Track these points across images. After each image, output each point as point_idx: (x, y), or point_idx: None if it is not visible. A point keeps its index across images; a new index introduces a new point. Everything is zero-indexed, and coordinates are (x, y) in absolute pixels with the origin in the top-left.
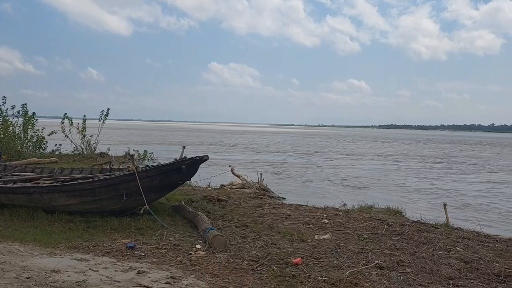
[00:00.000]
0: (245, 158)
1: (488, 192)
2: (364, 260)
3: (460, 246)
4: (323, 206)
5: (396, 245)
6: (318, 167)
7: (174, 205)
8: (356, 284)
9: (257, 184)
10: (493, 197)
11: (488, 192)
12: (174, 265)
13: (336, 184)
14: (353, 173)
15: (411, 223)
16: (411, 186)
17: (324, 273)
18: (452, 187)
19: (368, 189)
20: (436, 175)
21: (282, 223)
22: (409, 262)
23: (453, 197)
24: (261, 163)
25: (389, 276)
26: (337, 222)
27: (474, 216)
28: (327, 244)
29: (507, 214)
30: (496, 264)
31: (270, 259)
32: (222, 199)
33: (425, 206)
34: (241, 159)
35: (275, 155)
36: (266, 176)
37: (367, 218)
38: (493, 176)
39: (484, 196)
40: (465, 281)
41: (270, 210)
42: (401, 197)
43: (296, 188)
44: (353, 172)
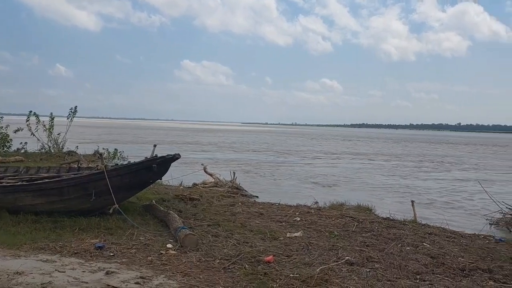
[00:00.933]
0: (218, 157)
1: (454, 189)
2: (335, 256)
3: (427, 241)
4: (295, 204)
5: (366, 241)
6: (291, 165)
7: (145, 204)
8: (326, 281)
9: (230, 182)
10: (459, 194)
11: (455, 189)
12: (144, 265)
13: (308, 183)
14: (325, 172)
15: (381, 220)
16: (381, 184)
17: (296, 270)
18: (420, 185)
19: (340, 187)
20: (405, 173)
21: (254, 222)
22: (378, 258)
23: (421, 194)
24: (234, 162)
25: (359, 272)
26: (309, 220)
27: (440, 213)
28: (299, 241)
29: (472, 211)
30: (461, 259)
31: (242, 257)
32: (194, 198)
33: (394, 203)
34: (214, 157)
35: (248, 154)
36: (239, 175)
37: (338, 215)
38: (460, 174)
39: (451, 193)
40: (431, 275)
41: (243, 209)
42: (371, 195)
43: (269, 186)
44: (326, 171)
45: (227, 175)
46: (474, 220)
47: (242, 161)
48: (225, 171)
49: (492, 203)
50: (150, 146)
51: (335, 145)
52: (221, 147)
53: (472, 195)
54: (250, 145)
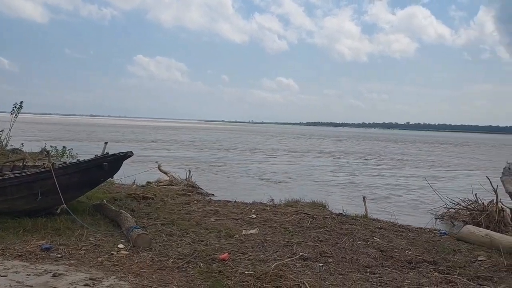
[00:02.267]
0: (173, 155)
1: (403, 185)
2: (290, 252)
3: (377, 236)
4: (251, 202)
5: (320, 237)
6: (248, 163)
7: (96, 204)
8: (281, 277)
9: (185, 180)
10: (408, 190)
11: (404, 185)
12: (94, 266)
13: (265, 180)
14: (282, 169)
15: (334, 216)
16: (335, 180)
17: (251, 267)
18: (372, 181)
19: (296, 184)
20: (358, 170)
21: (210, 220)
22: (331, 252)
23: (372, 190)
24: (190, 160)
25: (312, 267)
26: (264, 217)
27: (390, 208)
28: (254, 238)
29: (419, 205)
30: (408, 252)
31: (197, 256)
32: (148, 197)
33: (347, 199)
34: (169, 155)
35: (204, 151)
36: (195, 173)
37: (293, 212)
38: (410, 171)
39: (400, 189)
40: (380, 268)
41: (198, 207)
42: (325, 191)
43: (225, 184)
44: (283, 168)
45: (183, 173)
46: (421, 214)
47: (198, 159)
48: (180, 169)
49: (438, 198)
50: (101, 144)
51: (292, 143)
52: (177, 145)
53: (420, 191)
54: (207, 143)
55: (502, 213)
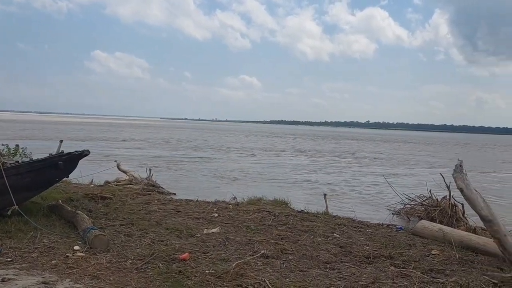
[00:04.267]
0: (133, 153)
1: (363, 182)
2: (251, 250)
3: (337, 232)
4: (213, 201)
5: (281, 234)
6: (211, 161)
7: (51, 205)
8: (242, 275)
9: (146, 180)
10: (369, 187)
11: (364, 182)
12: (48, 269)
13: (228, 178)
14: (245, 167)
15: (296, 213)
16: (299, 178)
17: (212, 266)
18: (334, 178)
19: (260, 182)
20: (322, 167)
21: (171, 219)
22: (292, 250)
23: (334, 187)
24: (151, 158)
25: (274, 264)
26: (226, 216)
27: (350, 204)
28: (216, 237)
29: (378, 202)
30: (366, 247)
31: (157, 256)
32: (106, 197)
33: (309, 197)
34: (128, 154)
35: (166, 150)
36: (156, 172)
37: (256, 210)
38: (370, 169)
39: (362, 186)
40: (340, 264)
41: (159, 207)
42: (288, 189)
43: (188, 183)
44: (246, 166)
45: (143, 172)
46: (380, 210)
47: (159, 158)
48: (141, 168)
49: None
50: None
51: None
52: (138, 143)
53: (379, 188)
54: (169, 141)
55: (454, 208)
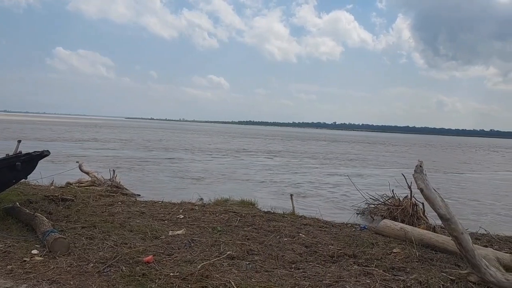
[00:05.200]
0: (97, 154)
1: (332, 182)
2: (217, 252)
3: (302, 232)
4: (179, 202)
5: (248, 235)
6: (177, 162)
7: (7, 207)
8: (207, 277)
9: (109, 181)
10: (335, 187)
11: (332, 182)
12: (3, 274)
13: (195, 179)
14: (213, 168)
15: (262, 214)
16: (266, 179)
17: (177, 268)
18: (301, 179)
19: (227, 183)
20: (288, 168)
21: (135, 221)
22: (258, 250)
23: (301, 187)
24: (115, 159)
25: (239, 265)
26: (192, 217)
27: (316, 204)
28: (181, 239)
29: (343, 202)
30: (331, 246)
31: (120, 259)
32: (67, 199)
33: (276, 197)
34: (92, 154)
35: (131, 150)
36: (121, 172)
37: (222, 211)
38: (338, 169)
39: (327, 186)
40: (305, 263)
41: (123, 208)
42: (256, 189)
43: (153, 184)
44: (214, 167)
45: (107, 173)
46: (345, 210)
47: (124, 158)
48: (104, 169)
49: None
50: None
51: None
52: (102, 143)
53: (345, 188)
54: (134, 141)
55: (415, 207)
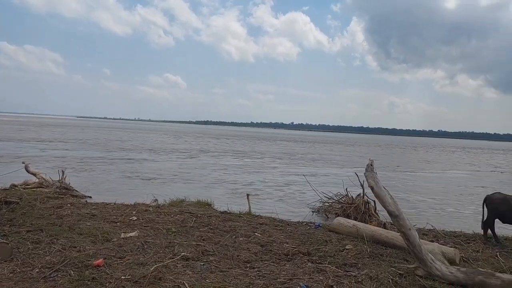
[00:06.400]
0: (45, 154)
1: (289, 182)
2: (171, 253)
3: (258, 231)
4: (133, 203)
5: (203, 235)
6: (131, 162)
7: None
8: (160, 279)
9: (58, 182)
10: (290, 187)
11: (289, 182)
12: None
13: (149, 179)
14: (168, 168)
15: (218, 214)
16: (224, 179)
17: (128, 271)
18: (259, 178)
19: (184, 183)
20: (246, 168)
21: (85, 224)
22: (213, 250)
23: (258, 187)
24: (65, 159)
25: (194, 266)
26: (146, 218)
27: (273, 203)
28: (134, 241)
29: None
30: (286, 245)
31: (68, 263)
32: (12, 201)
33: (233, 197)
34: (39, 155)
35: (82, 150)
36: (71, 174)
37: (178, 212)
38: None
39: (283, 186)
40: (260, 262)
41: (72, 211)
42: (213, 189)
43: (105, 185)
44: (169, 167)
45: (55, 174)
46: (300, 209)
47: (75, 158)
48: (52, 170)
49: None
50: None
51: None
52: (50, 143)
53: (302, 187)
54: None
55: (367, 205)
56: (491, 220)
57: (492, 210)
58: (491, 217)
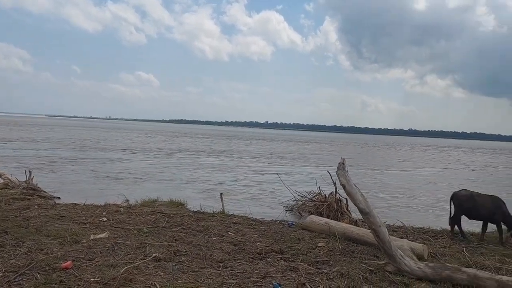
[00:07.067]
0: (11, 154)
1: (263, 181)
2: (142, 254)
3: (232, 230)
4: (103, 204)
5: (175, 236)
6: (102, 162)
7: None
8: (131, 280)
9: (25, 183)
10: (267, 185)
11: (263, 181)
12: None
13: (121, 179)
14: (140, 168)
15: (191, 214)
16: (198, 178)
17: (98, 273)
18: (233, 177)
19: (156, 183)
20: (221, 167)
21: (53, 226)
22: (186, 251)
23: (232, 186)
24: (33, 159)
25: (165, 267)
26: (117, 219)
27: (247, 202)
28: (104, 243)
29: (274, 199)
30: (259, 243)
31: (34, 266)
32: None
33: (207, 196)
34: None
35: (52, 150)
36: (39, 174)
37: (150, 212)
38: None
39: (257, 184)
40: (233, 262)
41: (40, 212)
42: (186, 189)
43: (76, 185)
44: (141, 166)
45: (22, 175)
46: (274, 207)
47: (44, 158)
48: (19, 170)
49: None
50: None
51: (154, 141)
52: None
53: (276, 185)
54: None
55: (340, 203)
56: (457, 216)
57: (458, 207)
58: (458, 213)
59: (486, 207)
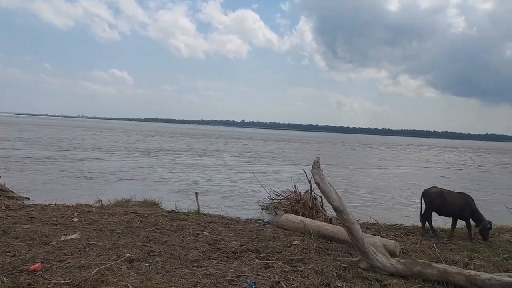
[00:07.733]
0: None
1: (239, 179)
2: (115, 255)
3: (207, 230)
4: (74, 204)
5: (149, 236)
6: (73, 161)
7: None
8: (103, 282)
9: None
10: (243, 184)
11: (239, 179)
12: None
13: (93, 179)
14: (113, 167)
15: (166, 213)
16: (171, 178)
17: (68, 275)
18: (209, 176)
19: (130, 182)
20: (197, 166)
21: (21, 227)
22: (160, 251)
23: (208, 185)
24: (3, 159)
25: (139, 267)
26: (89, 220)
27: (222, 202)
28: (75, 244)
29: (249, 198)
30: (234, 242)
31: (1, 269)
32: None
33: (182, 196)
34: None
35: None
36: (6, 174)
37: (123, 212)
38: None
39: (233, 183)
40: (207, 261)
41: (7, 213)
42: (161, 188)
43: (47, 185)
44: (114, 166)
45: None
46: (250, 206)
47: (12, 158)
48: None
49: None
50: None
51: (130, 140)
52: None
53: (253, 184)
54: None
55: (315, 201)
56: (428, 213)
57: (429, 204)
58: (428, 210)
59: (456, 204)
